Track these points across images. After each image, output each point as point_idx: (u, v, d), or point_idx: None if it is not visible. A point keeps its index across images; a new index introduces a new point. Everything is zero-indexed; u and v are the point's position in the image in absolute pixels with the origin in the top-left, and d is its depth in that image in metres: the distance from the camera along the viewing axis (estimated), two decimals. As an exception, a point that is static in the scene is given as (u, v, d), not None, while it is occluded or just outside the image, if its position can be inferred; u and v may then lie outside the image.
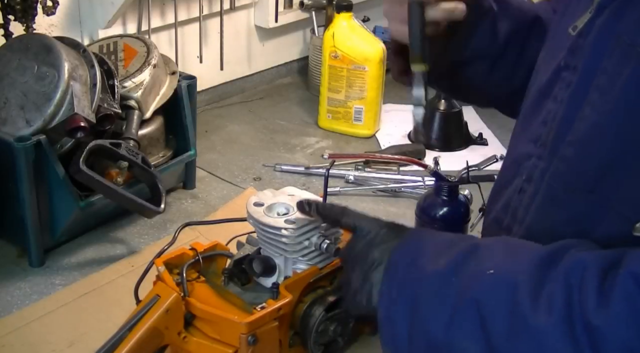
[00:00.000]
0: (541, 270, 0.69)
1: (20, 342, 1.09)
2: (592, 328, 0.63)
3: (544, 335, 0.65)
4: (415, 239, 0.80)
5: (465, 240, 0.78)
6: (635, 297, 0.62)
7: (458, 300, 0.71)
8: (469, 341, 0.70)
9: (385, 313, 0.77)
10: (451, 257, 0.75)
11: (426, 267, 0.75)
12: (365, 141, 1.82)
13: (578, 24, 0.80)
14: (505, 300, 0.68)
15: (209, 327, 0.93)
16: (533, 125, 0.87)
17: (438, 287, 0.74)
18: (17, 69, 1.26)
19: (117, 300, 1.17)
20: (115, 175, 1.31)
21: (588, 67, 0.76)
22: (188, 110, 1.48)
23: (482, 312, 0.69)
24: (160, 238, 1.37)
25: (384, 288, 0.78)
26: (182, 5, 1.79)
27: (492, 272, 0.71)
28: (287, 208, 0.98)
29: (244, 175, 1.64)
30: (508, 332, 0.68)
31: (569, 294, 0.66)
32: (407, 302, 0.75)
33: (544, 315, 0.66)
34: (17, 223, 1.25)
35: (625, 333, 0.62)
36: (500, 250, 0.75)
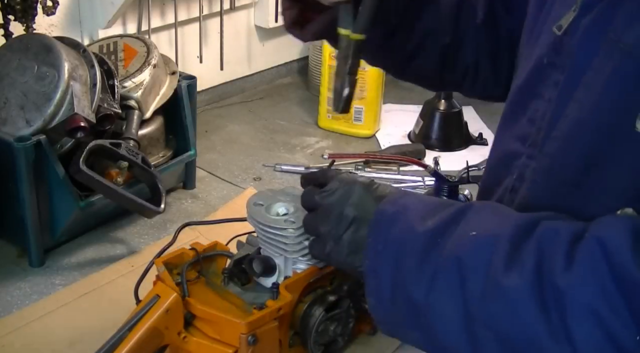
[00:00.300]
0: (518, 235, 0.71)
1: (20, 342, 1.09)
2: (558, 290, 0.65)
3: (514, 297, 0.67)
4: (403, 196, 0.82)
5: (453, 204, 0.79)
6: (597, 259, 0.64)
7: (441, 260, 0.73)
8: (447, 300, 0.72)
9: (371, 266, 0.79)
10: (439, 218, 0.76)
11: (414, 226, 0.77)
12: (365, 141, 1.83)
13: (563, 23, 0.79)
14: (483, 261, 0.70)
15: (209, 327, 0.93)
16: (518, 123, 0.87)
17: (423, 246, 0.75)
18: (17, 69, 1.26)
19: (117, 300, 1.17)
20: (115, 175, 1.31)
21: (576, 66, 0.77)
22: (188, 110, 1.48)
23: (463, 272, 0.71)
24: (160, 238, 1.37)
25: (370, 240, 0.79)
26: (182, 5, 1.79)
27: (475, 234, 0.73)
28: (287, 208, 0.98)
29: (244, 175, 1.64)
30: (482, 293, 0.69)
31: (539, 258, 0.68)
32: (392, 257, 0.77)
33: (516, 277, 0.68)
34: (17, 223, 1.25)
35: (588, 295, 0.63)
36: (486, 214, 0.76)
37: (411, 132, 1.86)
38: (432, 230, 0.75)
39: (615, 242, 0.64)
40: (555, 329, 0.65)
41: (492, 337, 0.69)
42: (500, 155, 0.92)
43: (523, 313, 0.67)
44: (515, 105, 0.90)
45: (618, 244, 0.64)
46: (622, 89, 0.71)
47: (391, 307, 0.78)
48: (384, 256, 0.78)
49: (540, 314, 0.65)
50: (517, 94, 0.90)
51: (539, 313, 0.65)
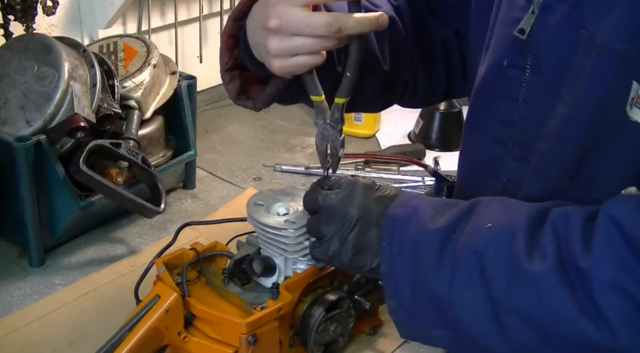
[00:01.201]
0: (532, 224, 0.73)
1: (20, 342, 1.09)
2: (581, 271, 0.68)
3: (541, 281, 0.69)
4: (411, 199, 0.83)
5: (459, 202, 0.81)
6: (614, 237, 0.67)
7: (459, 254, 0.75)
8: (471, 291, 0.74)
9: (388, 268, 0.80)
10: (450, 215, 0.78)
11: (426, 225, 0.78)
12: (365, 141, 1.82)
13: (524, 27, 0.80)
14: (504, 251, 0.72)
15: (209, 327, 0.93)
16: (487, 126, 0.88)
17: (438, 243, 0.76)
18: (17, 69, 1.26)
19: (117, 300, 1.17)
20: (115, 175, 1.31)
21: (553, 66, 0.78)
22: (188, 110, 1.48)
23: (483, 263, 0.73)
24: (160, 238, 1.37)
25: (385, 244, 0.80)
26: (182, 5, 1.79)
27: (490, 226, 0.74)
28: (287, 208, 0.98)
29: (244, 175, 1.64)
30: (507, 281, 0.71)
31: (558, 243, 0.70)
32: (409, 258, 0.78)
33: (539, 263, 0.70)
34: (17, 223, 1.25)
35: (610, 271, 0.66)
36: (497, 207, 0.78)
37: (411, 132, 1.86)
38: (445, 228, 0.77)
39: (628, 219, 0.67)
40: (586, 308, 0.67)
41: (522, 323, 0.71)
42: (474, 160, 0.93)
43: (552, 297, 0.69)
44: (479, 108, 0.91)
45: (631, 220, 0.67)
46: (607, 82, 0.73)
47: (413, 307, 0.79)
48: (400, 258, 0.79)
49: (568, 295, 0.68)
50: (477, 98, 0.91)
51: (568, 295, 0.68)
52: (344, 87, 0.86)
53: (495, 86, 0.86)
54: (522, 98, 0.82)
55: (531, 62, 0.81)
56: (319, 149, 0.90)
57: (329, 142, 0.90)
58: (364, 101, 1.03)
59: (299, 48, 0.81)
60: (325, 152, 0.91)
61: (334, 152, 0.90)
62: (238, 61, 0.93)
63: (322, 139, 0.90)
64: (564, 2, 0.76)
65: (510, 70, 0.83)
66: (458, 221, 0.77)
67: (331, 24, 0.78)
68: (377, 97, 1.06)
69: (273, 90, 0.92)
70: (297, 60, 0.82)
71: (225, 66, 0.93)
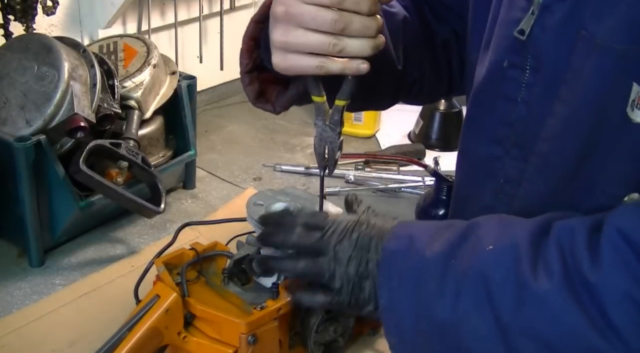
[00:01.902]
0: (535, 241, 0.72)
1: (20, 342, 1.09)
2: (590, 286, 0.66)
3: (549, 299, 0.68)
4: (405, 228, 0.81)
5: (453, 224, 0.79)
6: (621, 249, 0.66)
7: (461, 279, 0.73)
8: (478, 317, 0.72)
9: (387, 303, 0.78)
10: (446, 239, 0.77)
11: (423, 253, 0.77)
12: (365, 141, 1.82)
13: (524, 28, 0.79)
14: (508, 272, 0.71)
15: (209, 327, 0.93)
16: (486, 126, 0.88)
17: (439, 271, 0.75)
18: (17, 69, 1.26)
19: (117, 300, 1.17)
20: (115, 175, 1.31)
21: (552, 66, 0.78)
22: (188, 110, 1.48)
23: (488, 287, 0.71)
24: (160, 238, 1.37)
25: (382, 279, 0.79)
26: (182, 5, 1.79)
27: (492, 248, 0.73)
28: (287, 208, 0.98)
29: (244, 175, 1.64)
30: (515, 303, 0.70)
31: (563, 258, 0.69)
32: (409, 290, 0.76)
33: (546, 281, 0.69)
34: (17, 223, 1.25)
35: (620, 284, 0.65)
36: (495, 227, 0.76)
37: (411, 132, 1.86)
38: (443, 253, 0.75)
39: (634, 229, 0.66)
40: (598, 324, 0.66)
41: (533, 344, 0.69)
42: (473, 160, 0.92)
43: (561, 314, 0.68)
44: (479, 108, 0.91)
45: (638, 231, 0.66)
46: (607, 82, 0.72)
47: (415, 340, 0.77)
48: (400, 291, 0.77)
49: (579, 313, 0.67)
50: (477, 98, 0.90)
51: (578, 312, 0.67)
52: (346, 89, 0.85)
53: (495, 86, 0.85)
54: (522, 98, 0.82)
55: (531, 62, 0.80)
56: (316, 150, 0.90)
57: (327, 143, 0.89)
58: (375, 100, 1.04)
59: (301, 45, 0.80)
60: (323, 154, 0.90)
61: (330, 154, 0.89)
62: (257, 63, 0.92)
63: (321, 140, 0.89)
64: (563, 3, 0.76)
65: (510, 71, 0.83)
66: (456, 245, 0.75)
67: (337, 21, 0.77)
68: (388, 96, 1.07)
69: (294, 94, 0.91)
70: (298, 60, 0.81)
71: (245, 68, 0.93)
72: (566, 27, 0.75)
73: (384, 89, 1.03)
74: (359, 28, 0.79)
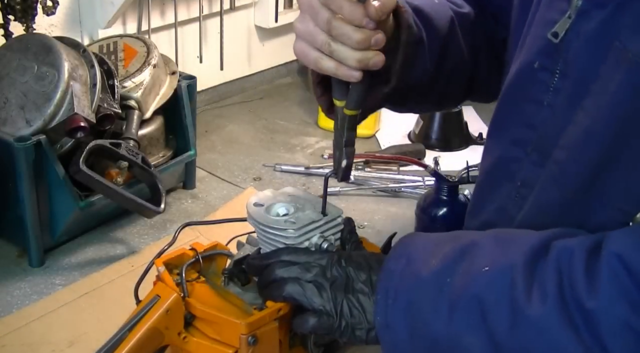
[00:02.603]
0: (532, 261, 0.71)
1: (20, 342, 1.09)
2: (586, 312, 0.65)
3: (543, 323, 0.67)
4: (404, 248, 0.82)
5: (454, 239, 0.79)
6: (620, 276, 0.65)
7: (456, 299, 0.73)
8: (472, 336, 0.72)
9: (383, 321, 0.79)
10: (443, 257, 0.76)
11: (419, 271, 0.77)
12: (365, 141, 1.82)
13: (558, 31, 0.78)
14: (503, 295, 0.70)
15: (209, 327, 0.93)
16: (512, 127, 0.87)
17: (434, 289, 0.75)
18: (17, 69, 1.26)
19: (117, 300, 1.17)
20: (115, 175, 1.31)
21: (581, 74, 0.76)
22: (188, 110, 1.48)
23: (483, 307, 0.71)
24: (160, 238, 1.37)
25: (379, 296, 0.79)
26: (182, 5, 1.79)
27: (487, 269, 0.72)
28: (287, 208, 0.98)
29: (244, 175, 1.64)
30: (509, 325, 0.69)
31: (559, 281, 0.68)
32: (404, 308, 0.77)
33: (540, 304, 0.68)
34: (17, 223, 1.25)
35: (618, 312, 0.64)
36: (491, 245, 0.76)
37: (411, 132, 1.86)
38: (439, 271, 0.76)
39: (634, 256, 0.65)
40: (594, 351, 0.65)
41: None
42: (495, 160, 0.91)
43: (556, 340, 0.67)
44: (506, 108, 0.90)
45: (637, 257, 0.65)
46: (633, 97, 0.70)
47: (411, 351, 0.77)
48: (395, 308, 0.78)
49: (574, 338, 0.66)
50: (505, 97, 0.89)
51: (573, 338, 0.66)
52: (351, 96, 0.85)
53: (524, 87, 0.84)
54: (548, 102, 0.80)
55: (561, 67, 0.78)
56: (333, 155, 0.91)
57: (338, 149, 0.90)
58: (446, 103, 1.07)
59: (307, 35, 0.82)
60: (335, 158, 0.91)
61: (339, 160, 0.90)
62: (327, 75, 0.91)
63: (335, 145, 0.90)
64: (602, 9, 0.73)
65: (540, 73, 0.81)
66: (452, 264, 0.75)
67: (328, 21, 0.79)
68: (457, 99, 1.09)
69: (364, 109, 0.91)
70: (304, 49, 0.84)
71: (316, 79, 0.92)
72: (601, 36, 0.74)
73: (457, 90, 1.04)
74: (339, 33, 0.80)
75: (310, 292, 0.84)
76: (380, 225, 1.47)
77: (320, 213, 0.95)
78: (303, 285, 0.84)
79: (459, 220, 1.31)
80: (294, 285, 0.85)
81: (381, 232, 1.43)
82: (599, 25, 0.74)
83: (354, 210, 1.51)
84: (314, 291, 0.84)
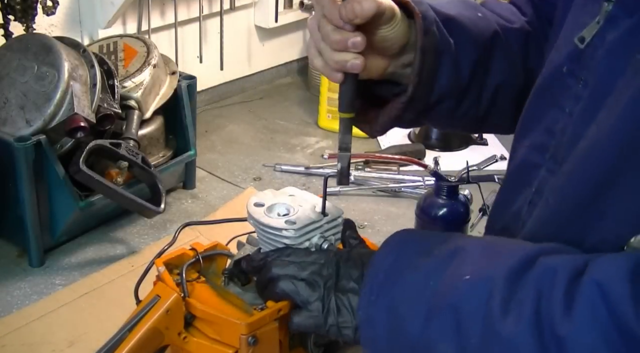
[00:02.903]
0: (514, 276, 0.69)
1: (20, 342, 1.09)
2: (559, 338, 0.64)
3: (515, 343, 0.66)
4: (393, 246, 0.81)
5: (445, 242, 0.78)
6: (597, 305, 0.63)
7: (435, 304, 0.72)
8: (445, 343, 0.71)
9: (364, 316, 0.79)
10: (430, 259, 0.76)
11: (404, 271, 0.77)
12: (365, 141, 1.82)
13: (585, 36, 0.75)
14: (479, 307, 0.69)
15: (209, 327, 0.93)
16: (535, 131, 0.85)
17: (415, 292, 0.74)
18: (17, 69, 1.26)
19: (117, 300, 1.17)
20: (115, 175, 1.31)
21: (600, 84, 0.73)
22: (188, 110, 1.48)
23: (458, 317, 0.70)
24: (160, 238, 1.37)
25: (365, 290, 0.79)
26: (182, 5, 1.78)
27: (468, 278, 0.71)
28: (287, 208, 0.98)
29: (244, 175, 1.64)
30: (482, 338, 0.68)
31: (538, 302, 0.66)
32: (386, 306, 0.77)
33: (513, 323, 0.66)
34: (17, 223, 1.25)
35: (589, 341, 0.62)
36: (478, 254, 0.75)
37: (411, 132, 1.86)
38: (423, 273, 0.75)
39: (614, 288, 0.63)
40: None
41: None
42: (518, 164, 0.89)
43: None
44: (532, 111, 0.87)
45: (618, 291, 0.62)
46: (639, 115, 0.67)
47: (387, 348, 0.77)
48: (377, 305, 0.77)
49: None
50: (534, 99, 0.87)
51: None
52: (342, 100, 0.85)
53: (551, 91, 0.82)
54: (569, 110, 0.78)
55: (584, 74, 0.76)
56: None
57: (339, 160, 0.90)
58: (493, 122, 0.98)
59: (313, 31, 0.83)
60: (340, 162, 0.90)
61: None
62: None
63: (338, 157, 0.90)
64: (630, 18, 0.71)
65: (568, 78, 0.78)
66: (438, 267, 0.75)
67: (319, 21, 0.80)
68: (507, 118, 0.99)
69: (386, 120, 0.90)
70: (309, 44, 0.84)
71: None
72: (624, 46, 0.71)
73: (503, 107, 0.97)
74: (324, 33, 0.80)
75: (303, 289, 0.84)
76: (380, 225, 1.47)
77: (320, 213, 0.95)
78: (296, 283, 0.85)
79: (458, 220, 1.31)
80: (287, 282, 0.85)
81: (381, 232, 1.43)
82: (624, 34, 0.71)
83: (354, 210, 1.51)
84: (306, 289, 0.84)
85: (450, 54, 0.89)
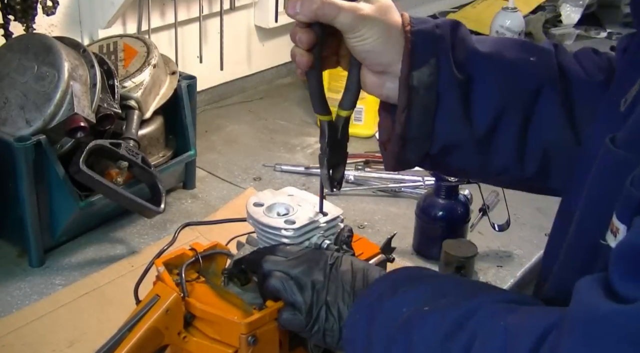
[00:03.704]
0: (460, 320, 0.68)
1: (20, 342, 1.09)
2: None
3: None
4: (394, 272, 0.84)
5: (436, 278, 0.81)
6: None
7: (394, 333, 0.73)
8: None
9: (347, 335, 0.81)
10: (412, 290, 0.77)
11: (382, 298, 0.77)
12: (365, 141, 1.82)
13: (628, 98, 0.69)
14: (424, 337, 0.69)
15: (209, 327, 0.93)
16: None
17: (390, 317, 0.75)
18: (17, 69, 1.26)
19: (117, 300, 1.17)
20: (115, 175, 1.31)
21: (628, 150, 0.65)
22: (188, 110, 1.48)
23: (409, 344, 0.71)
24: (160, 238, 1.37)
25: (352, 310, 0.81)
26: (182, 5, 1.79)
27: (427, 309, 0.72)
28: (287, 208, 0.98)
29: (244, 175, 1.64)
30: None
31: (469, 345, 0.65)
32: (364, 327, 0.78)
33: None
34: (17, 223, 1.25)
35: None
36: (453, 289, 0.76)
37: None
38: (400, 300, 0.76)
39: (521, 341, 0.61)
40: None
41: None
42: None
43: None
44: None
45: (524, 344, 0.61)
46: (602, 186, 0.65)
47: None
48: (358, 326, 0.79)
49: None
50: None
51: None
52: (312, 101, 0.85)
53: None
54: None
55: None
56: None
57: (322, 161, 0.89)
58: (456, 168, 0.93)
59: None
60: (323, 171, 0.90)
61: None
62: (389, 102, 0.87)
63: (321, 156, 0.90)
64: None
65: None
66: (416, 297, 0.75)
67: None
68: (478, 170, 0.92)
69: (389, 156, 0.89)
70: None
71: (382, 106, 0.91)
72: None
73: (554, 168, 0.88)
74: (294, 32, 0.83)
75: (292, 289, 0.85)
76: (380, 225, 1.47)
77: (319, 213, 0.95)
78: (286, 282, 0.85)
79: (458, 220, 1.31)
80: (278, 280, 0.86)
81: (381, 232, 1.43)
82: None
83: (354, 210, 1.51)
84: (294, 288, 0.85)
85: (457, 94, 0.81)
